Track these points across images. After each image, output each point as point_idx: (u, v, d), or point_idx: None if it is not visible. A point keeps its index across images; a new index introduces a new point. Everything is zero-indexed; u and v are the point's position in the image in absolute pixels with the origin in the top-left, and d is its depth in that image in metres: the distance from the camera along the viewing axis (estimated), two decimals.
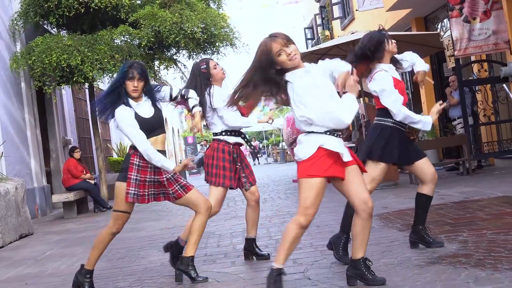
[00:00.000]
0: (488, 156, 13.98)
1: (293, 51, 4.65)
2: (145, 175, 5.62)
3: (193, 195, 5.72)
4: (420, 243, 6.06)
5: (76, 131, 21.02)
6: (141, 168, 5.62)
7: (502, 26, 12.72)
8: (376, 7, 17.53)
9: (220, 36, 15.66)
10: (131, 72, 5.59)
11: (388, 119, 5.98)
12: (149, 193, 5.67)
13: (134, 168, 5.60)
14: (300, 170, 4.74)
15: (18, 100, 15.83)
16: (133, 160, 5.62)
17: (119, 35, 15.14)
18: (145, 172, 5.62)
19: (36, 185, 15.99)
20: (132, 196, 5.59)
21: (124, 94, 5.62)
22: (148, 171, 5.62)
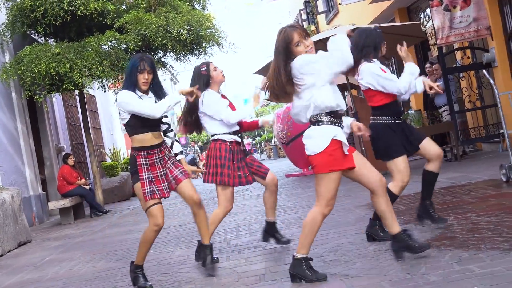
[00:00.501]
0: (475, 141, 14.16)
1: (310, 44, 4.95)
2: (155, 170, 5.77)
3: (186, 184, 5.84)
4: (426, 218, 6.37)
5: (69, 138, 21.13)
6: (149, 165, 5.75)
7: (482, 13, 12.88)
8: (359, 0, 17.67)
9: (206, 37, 15.78)
10: (142, 64, 5.73)
11: (383, 117, 6.12)
12: (164, 188, 5.80)
13: (143, 168, 5.74)
14: (318, 165, 4.97)
15: (9, 110, 15.92)
16: (139, 161, 5.75)
17: (106, 41, 15.25)
18: (154, 168, 5.76)
19: (32, 193, 16.09)
20: (149, 195, 5.71)
21: (133, 86, 5.78)
22: (156, 165, 5.77)
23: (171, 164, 5.85)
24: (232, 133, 6.65)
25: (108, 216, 15.09)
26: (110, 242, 9.86)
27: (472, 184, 8.95)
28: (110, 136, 28.06)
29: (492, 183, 8.67)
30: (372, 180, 5.10)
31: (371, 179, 5.10)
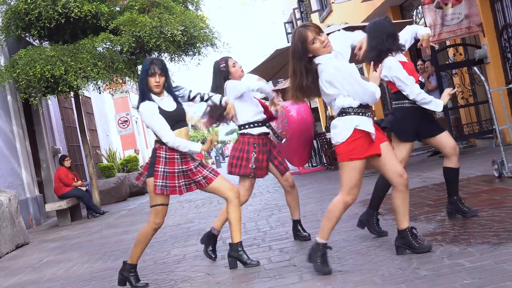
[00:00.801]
0: (468, 137, 14.24)
1: (325, 39, 5.03)
2: (173, 166, 5.83)
3: (221, 181, 5.94)
4: (457, 213, 6.38)
5: (65, 140, 21.18)
6: (168, 160, 5.82)
7: (473, 10, 12.99)
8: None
9: (200, 37, 15.83)
10: (152, 68, 5.81)
11: (404, 100, 6.21)
12: (180, 184, 5.86)
13: (162, 161, 5.82)
14: (341, 153, 5.10)
15: (5, 113, 15.98)
16: (159, 153, 5.85)
17: (101, 43, 15.29)
18: (172, 164, 5.83)
19: (28, 195, 16.15)
20: (160, 188, 5.78)
21: (147, 91, 5.85)
22: (176, 162, 5.83)
23: (196, 165, 5.90)
24: (260, 124, 6.73)
25: (105, 217, 15.17)
26: (107, 243, 9.94)
27: (465, 180, 9.01)
28: (106, 138, 28.12)
29: (484, 179, 8.75)
30: (393, 175, 5.19)
31: (392, 173, 5.18)
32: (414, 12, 17.27)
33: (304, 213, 8.33)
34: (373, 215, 6.31)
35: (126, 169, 23.90)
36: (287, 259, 5.95)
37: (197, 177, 5.87)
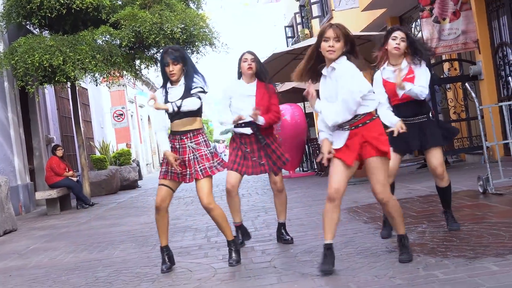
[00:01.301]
0: (458, 152, 14.39)
1: (334, 47, 5.13)
2: (176, 154, 6.05)
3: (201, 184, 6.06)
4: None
5: (59, 129, 21.26)
6: (172, 149, 6.08)
7: (470, 26, 13.12)
8: (352, 7, 17.91)
9: (199, 36, 15.94)
10: (165, 58, 6.03)
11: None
12: (178, 172, 6.09)
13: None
14: None
15: (1, 99, 16.01)
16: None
17: (100, 36, 15.40)
18: (176, 152, 6.06)
19: (19, 182, 16.22)
20: (163, 174, 6.15)
21: (167, 78, 6.13)
22: (176, 151, 6.07)
23: (193, 157, 6.05)
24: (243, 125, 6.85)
25: (94, 209, 15.25)
26: (94, 234, 10.03)
27: None
28: (101, 130, 28.16)
29: (469, 194, 8.89)
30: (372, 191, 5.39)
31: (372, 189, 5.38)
32: (413, 24, 17.42)
33: (290, 217, 8.43)
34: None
35: (118, 162, 23.94)
36: (268, 260, 6.07)
37: (188, 171, 6.04)
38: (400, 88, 6.21)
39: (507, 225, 6.22)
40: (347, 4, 17.92)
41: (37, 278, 6.71)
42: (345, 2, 17.86)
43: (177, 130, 6.07)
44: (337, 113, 5.15)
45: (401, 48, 6.27)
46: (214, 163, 6.09)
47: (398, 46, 6.24)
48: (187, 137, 6.04)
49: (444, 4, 13.05)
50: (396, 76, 6.24)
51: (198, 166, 6.02)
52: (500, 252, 5.12)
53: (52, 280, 6.47)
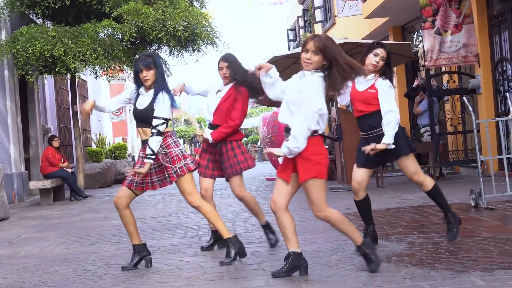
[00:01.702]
0: (453, 164, 14.44)
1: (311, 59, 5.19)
2: (138, 164, 6.23)
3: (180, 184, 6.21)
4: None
5: (57, 120, 21.25)
6: (142, 158, 6.17)
7: (472, 40, 13.16)
8: (355, 14, 17.95)
9: (201, 35, 15.96)
10: (138, 65, 6.12)
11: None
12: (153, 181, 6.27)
13: (139, 159, 6.23)
14: None
15: (0, 87, 16.02)
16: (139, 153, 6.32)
17: (103, 29, 15.42)
18: (137, 162, 6.26)
19: (14, 171, 16.24)
20: (129, 182, 6.24)
21: (139, 85, 6.24)
22: (140, 160, 6.22)
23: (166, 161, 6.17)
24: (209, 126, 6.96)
25: (88, 201, 15.28)
26: (86, 227, 10.06)
27: None
28: (98, 123, 28.13)
29: (461, 207, 8.93)
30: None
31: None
32: (415, 35, 17.45)
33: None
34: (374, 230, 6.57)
35: (114, 156, 23.95)
36: (257, 262, 6.09)
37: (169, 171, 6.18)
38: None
39: (496, 240, 6.26)
40: (350, 11, 17.96)
41: (26, 268, 6.73)
42: (348, 9, 17.91)
43: (142, 139, 6.24)
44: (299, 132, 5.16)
45: (378, 66, 6.35)
46: (186, 161, 6.18)
47: (375, 64, 6.33)
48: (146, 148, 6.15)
49: (446, 17, 13.09)
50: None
51: (172, 169, 6.13)
52: (488, 267, 5.15)
53: (42, 271, 6.49)
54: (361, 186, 6.42)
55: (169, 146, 6.16)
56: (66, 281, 5.90)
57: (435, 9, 13.09)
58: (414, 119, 14.91)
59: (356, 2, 17.86)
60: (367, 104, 6.34)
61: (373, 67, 6.31)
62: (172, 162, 6.12)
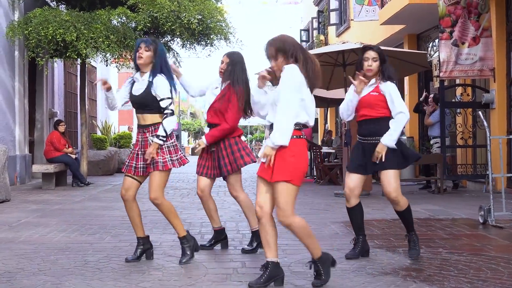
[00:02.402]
0: (461, 178, 14.27)
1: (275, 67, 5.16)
2: (136, 148, 6.19)
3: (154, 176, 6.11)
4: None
5: (64, 105, 21.12)
6: (136, 142, 6.24)
7: (489, 54, 12.98)
8: (372, 19, 17.79)
9: (215, 29, 15.79)
10: (137, 42, 6.15)
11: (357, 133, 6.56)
12: (138, 166, 6.15)
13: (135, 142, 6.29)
14: None
15: (10, 68, 15.90)
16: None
17: (117, 17, 15.22)
18: (136, 145, 6.21)
19: (18, 153, 16.09)
20: (127, 168, 6.22)
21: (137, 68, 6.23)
22: (139, 144, 6.17)
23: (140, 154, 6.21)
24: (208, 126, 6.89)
25: (89, 189, 15.15)
26: (87, 215, 9.92)
27: (449, 220, 9.07)
28: (105, 110, 27.93)
29: (468, 222, 8.79)
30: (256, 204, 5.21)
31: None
32: (430, 44, 17.30)
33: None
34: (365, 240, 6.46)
35: (118, 144, 23.81)
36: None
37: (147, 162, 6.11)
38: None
39: (506, 261, 6.11)
40: (366, 16, 17.81)
41: (25, 254, 6.61)
42: (365, 14, 17.76)
43: (141, 124, 6.17)
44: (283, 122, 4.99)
45: (373, 69, 6.28)
46: (174, 157, 6.11)
47: (370, 68, 6.27)
48: (149, 131, 6.10)
49: (464, 29, 12.94)
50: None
51: (158, 158, 6.03)
52: None
53: (41, 258, 6.36)
54: (353, 193, 6.35)
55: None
56: (65, 271, 5.77)
57: (454, 20, 12.93)
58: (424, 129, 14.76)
59: (373, 8, 17.70)
60: (370, 108, 6.28)
61: (370, 72, 6.27)
62: (159, 153, 6.05)
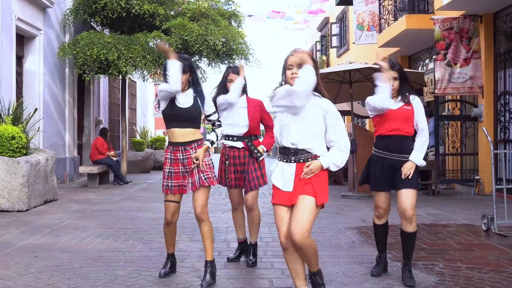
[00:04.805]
0: (450, 181, 13.11)
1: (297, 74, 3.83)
2: (178, 166, 4.87)
3: (200, 193, 4.85)
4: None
5: (108, 113, 20.18)
6: (173, 161, 4.88)
7: (478, 73, 11.87)
8: (370, 42, 16.63)
9: (237, 51, 14.77)
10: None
11: (374, 148, 5.11)
12: (177, 185, 4.90)
13: (167, 161, 4.94)
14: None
15: (61, 83, 15.02)
16: (166, 155, 4.97)
17: (152, 39, 14.26)
18: (177, 164, 4.87)
19: (67, 155, 15.24)
20: (165, 188, 4.93)
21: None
22: (180, 163, 4.86)
23: (196, 167, 4.84)
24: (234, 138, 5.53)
25: (128, 187, 14.06)
26: (122, 217, 8.77)
27: (453, 226, 7.90)
28: (143, 117, 27.18)
29: (472, 230, 7.61)
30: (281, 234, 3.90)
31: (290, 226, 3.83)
32: (421, 64, 16.12)
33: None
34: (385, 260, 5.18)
35: (154, 146, 22.94)
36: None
37: (193, 179, 4.83)
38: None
39: None
40: (366, 40, 16.64)
41: (59, 266, 5.47)
42: (364, 38, 16.58)
43: (180, 141, 4.86)
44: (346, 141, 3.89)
45: (395, 87, 4.96)
46: (212, 173, 4.91)
47: (392, 87, 4.93)
48: (191, 147, 4.85)
49: (457, 51, 11.79)
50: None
51: (202, 175, 4.80)
52: None
53: (73, 272, 5.22)
54: (387, 212, 5.07)
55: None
56: None
57: (448, 43, 11.79)
58: None
59: (372, 33, 16.53)
60: (405, 123, 4.91)
61: (392, 90, 4.92)
62: (204, 169, 4.82)
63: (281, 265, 5.45)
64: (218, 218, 8.65)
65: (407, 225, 4.87)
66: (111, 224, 8.05)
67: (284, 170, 3.88)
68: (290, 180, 3.84)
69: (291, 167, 3.86)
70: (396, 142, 4.93)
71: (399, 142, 4.93)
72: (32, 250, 6.22)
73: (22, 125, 10.36)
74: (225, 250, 6.24)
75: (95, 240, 6.83)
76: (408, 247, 4.95)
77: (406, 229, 4.89)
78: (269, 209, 9.65)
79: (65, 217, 8.78)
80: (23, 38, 13.41)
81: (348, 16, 22.02)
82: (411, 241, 4.93)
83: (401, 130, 4.92)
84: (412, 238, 4.92)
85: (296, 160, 3.85)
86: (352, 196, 11.57)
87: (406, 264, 4.93)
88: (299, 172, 3.83)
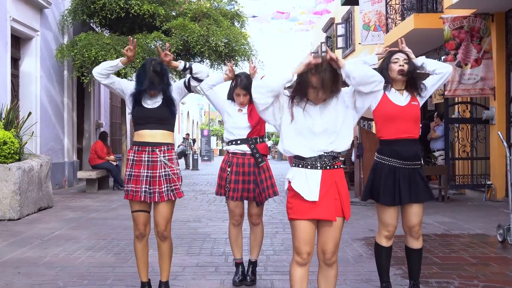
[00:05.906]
0: (462, 187, 12.61)
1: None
2: (139, 169, 4.32)
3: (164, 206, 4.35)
4: None
5: (109, 116, 19.78)
6: (135, 162, 4.35)
7: (489, 74, 11.37)
8: (377, 43, 16.15)
9: (240, 52, 14.36)
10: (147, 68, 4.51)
11: (379, 154, 4.42)
12: (142, 190, 4.30)
13: (129, 163, 4.36)
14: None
15: (59, 85, 14.63)
16: (128, 155, 4.41)
17: (152, 40, 13.85)
18: (139, 167, 4.33)
19: (66, 160, 14.84)
20: (125, 193, 4.40)
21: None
22: (142, 165, 4.32)
23: (164, 174, 4.32)
24: (238, 142, 4.98)
25: None
26: (118, 227, 8.32)
27: (466, 236, 7.42)
28: None
29: (487, 241, 7.13)
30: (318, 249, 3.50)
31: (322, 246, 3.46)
32: None
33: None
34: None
35: None
36: None
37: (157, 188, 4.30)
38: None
39: None
40: (372, 40, 16.16)
41: (42, 284, 5.04)
42: (371, 38, 16.10)
43: (147, 141, 4.34)
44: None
45: (405, 69, 4.31)
46: (180, 185, 4.41)
47: (402, 68, 4.32)
48: (160, 150, 4.33)
49: (467, 51, 11.29)
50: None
51: (169, 185, 4.31)
52: None
53: None
54: (394, 231, 4.40)
55: (173, 160, 4.39)
56: None
57: (458, 43, 11.30)
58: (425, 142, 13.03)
59: (378, 33, 16.05)
60: (414, 122, 4.32)
61: (401, 72, 4.31)
62: (171, 179, 4.33)
63: (283, 283, 5.00)
64: (217, 228, 8.18)
65: (414, 241, 4.41)
66: (105, 235, 7.61)
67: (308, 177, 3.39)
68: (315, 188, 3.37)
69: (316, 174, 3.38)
70: (408, 147, 4.32)
71: (412, 147, 4.34)
72: (16, 265, 5.79)
73: (15, 130, 9.95)
74: (223, 265, 5.78)
75: (85, 253, 6.40)
76: (415, 265, 4.46)
77: (412, 245, 4.42)
78: (271, 217, 9.21)
79: (58, 226, 8.35)
80: (19, 39, 13.00)
81: (354, 16, 21.55)
82: (418, 258, 4.45)
83: (410, 132, 4.32)
84: (420, 255, 4.45)
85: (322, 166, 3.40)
86: (358, 202, 11.11)
87: (416, 285, 4.44)
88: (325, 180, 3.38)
